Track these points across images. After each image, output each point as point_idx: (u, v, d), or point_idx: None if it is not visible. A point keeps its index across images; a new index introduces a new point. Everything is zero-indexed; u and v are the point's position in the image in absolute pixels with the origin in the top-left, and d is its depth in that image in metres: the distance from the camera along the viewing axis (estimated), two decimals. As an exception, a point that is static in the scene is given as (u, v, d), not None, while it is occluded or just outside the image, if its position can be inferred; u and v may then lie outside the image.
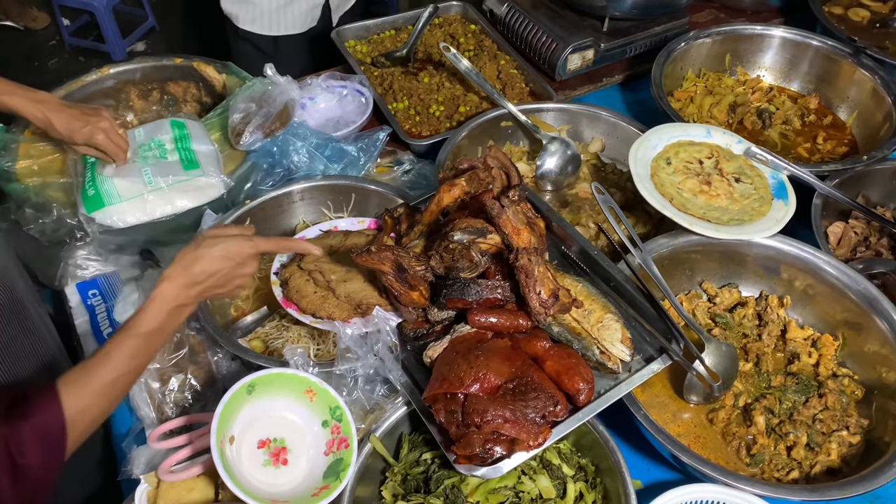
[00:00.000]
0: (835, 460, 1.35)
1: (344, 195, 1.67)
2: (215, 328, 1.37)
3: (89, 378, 1.05)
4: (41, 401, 1.01)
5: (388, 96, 2.01)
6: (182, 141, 1.63)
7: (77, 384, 1.04)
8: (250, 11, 2.20)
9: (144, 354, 1.12)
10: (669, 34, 2.16)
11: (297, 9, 2.23)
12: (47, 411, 1.00)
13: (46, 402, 1.01)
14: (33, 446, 0.98)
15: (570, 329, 1.32)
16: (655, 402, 1.42)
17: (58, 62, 4.40)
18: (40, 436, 0.99)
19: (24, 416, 0.98)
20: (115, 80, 1.90)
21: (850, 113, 2.01)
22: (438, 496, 1.22)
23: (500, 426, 1.14)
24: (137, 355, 1.10)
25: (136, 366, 1.11)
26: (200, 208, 1.57)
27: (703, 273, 1.61)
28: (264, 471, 1.20)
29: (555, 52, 2.06)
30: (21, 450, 0.96)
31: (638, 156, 1.64)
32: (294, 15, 2.24)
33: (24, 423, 0.98)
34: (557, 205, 1.79)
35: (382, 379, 1.32)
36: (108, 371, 1.06)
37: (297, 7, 2.22)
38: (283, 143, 1.68)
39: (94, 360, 1.07)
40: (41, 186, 1.57)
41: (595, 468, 1.30)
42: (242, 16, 2.22)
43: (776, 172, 1.66)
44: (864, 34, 2.12)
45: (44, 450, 0.99)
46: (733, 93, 2.06)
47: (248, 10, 2.21)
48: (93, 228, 1.52)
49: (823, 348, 1.49)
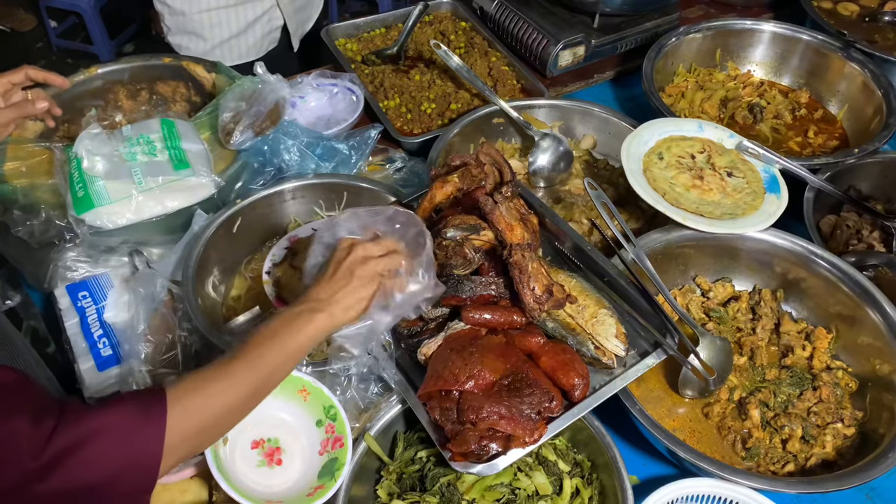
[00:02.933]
0: (830, 453, 1.35)
1: (336, 193, 1.66)
2: (207, 328, 1.36)
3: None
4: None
5: (379, 94, 2.00)
6: (172, 140, 1.62)
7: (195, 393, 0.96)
8: (200, 45, 2.13)
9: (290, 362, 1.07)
10: (660, 30, 2.16)
11: (252, 37, 2.16)
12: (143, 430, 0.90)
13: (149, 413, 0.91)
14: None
15: (564, 325, 1.31)
16: (651, 397, 1.42)
17: (45, 64, 4.37)
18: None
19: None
20: (103, 80, 1.87)
21: (840, 107, 2.02)
22: (434, 494, 1.22)
23: (496, 423, 1.14)
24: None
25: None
26: (191, 208, 1.56)
27: (696, 267, 1.61)
28: (258, 471, 1.19)
29: (546, 48, 2.05)
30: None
31: (630, 151, 1.63)
32: (248, 44, 2.17)
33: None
34: (550, 201, 1.78)
35: (376, 377, 1.31)
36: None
37: (250, 36, 2.16)
38: (273, 142, 1.66)
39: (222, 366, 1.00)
40: (29, 188, 1.55)
41: (591, 464, 1.30)
42: (193, 48, 2.14)
43: (768, 166, 1.66)
44: (853, 28, 2.12)
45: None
46: (724, 88, 2.06)
47: (196, 44, 2.13)
48: (82, 230, 1.51)
49: (817, 341, 1.49)
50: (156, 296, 1.42)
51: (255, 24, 2.16)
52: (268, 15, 2.17)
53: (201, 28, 2.11)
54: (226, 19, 2.11)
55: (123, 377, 1.37)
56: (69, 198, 1.51)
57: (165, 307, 1.41)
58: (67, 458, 0.85)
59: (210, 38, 2.12)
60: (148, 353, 1.37)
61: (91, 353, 1.42)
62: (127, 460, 0.90)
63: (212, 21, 2.11)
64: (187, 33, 2.13)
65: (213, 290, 1.52)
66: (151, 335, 1.38)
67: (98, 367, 1.40)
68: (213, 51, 2.14)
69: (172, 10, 2.10)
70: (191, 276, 1.42)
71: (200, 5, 2.07)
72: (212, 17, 2.10)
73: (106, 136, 1.59)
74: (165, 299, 1.43)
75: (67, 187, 1.52)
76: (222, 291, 1.55)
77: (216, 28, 2.12)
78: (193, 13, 2.08)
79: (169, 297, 1.43)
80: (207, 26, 2.11)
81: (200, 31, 2.11)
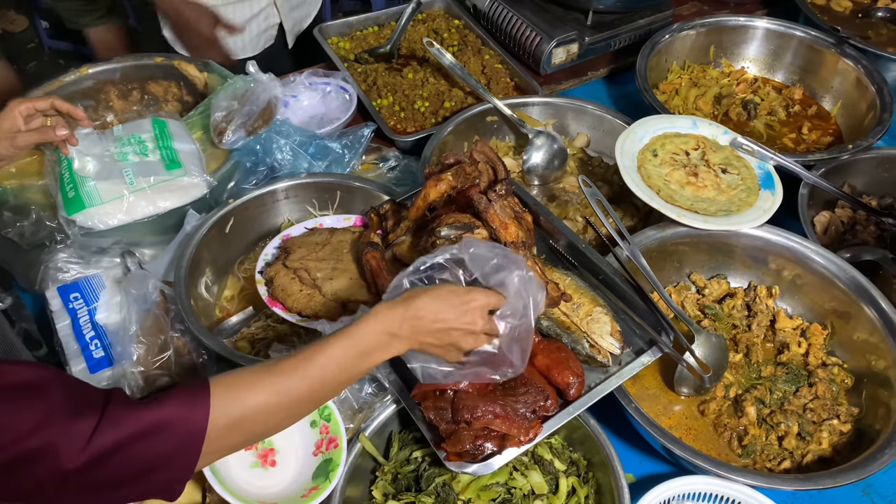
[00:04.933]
0: (826, 449, 1.35)
1: (329, 193, 1.65)
2: (200, 329, 1.35)
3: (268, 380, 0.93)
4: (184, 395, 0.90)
5: (372, 93, 1.99)
6: (163, 140, 1.61)
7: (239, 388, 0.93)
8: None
9: (344, 375, 1.00)
10: (653, 27, 2.16)
11: (248, 34, 2.15)
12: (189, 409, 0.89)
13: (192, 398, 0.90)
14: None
15: (559, 323, 1.31)
16: (646, 395, 1.42)
17: (37, 65, 4.35)
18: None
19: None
20: (95, 80, 1.86)
21: (834, 103, 2.02)
22: (430, 494, 1.21)
23: (491, 422, 1.13)
24: (340, 372, 0.99)
25: (325, 385, 0.99)
26: (183, 208, 1.55)
27: (691, 264, 1.60)
28: (252, 473, 1.19)
29: (539, 46, 2.05)
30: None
31: (624, 148, 1.63)
32: (244, 40, 2.16)
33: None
34: (544, 199, 1.78)
35: (370, 377, 1.30)
36: (296, 381, 0.96)
37: (246, 33, 2.14)
38: (266, 141, 1.66)
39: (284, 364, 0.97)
40: (19, 189, 1.54)
41: (587, 462, 1.29)
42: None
43: (762, 163, 1.66)
44: (846, 24, 2.12)
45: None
46: (718, 84, 2.06)
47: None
48: (73, 231, 1.50)
49: (812, 338, 1.49)
50: (148, 297, 1.41)
51: (252, 22, 2.15)
52: (265, 13, 2.17)
53: None
54: (223, 16, 2.10)
55: (115, 379, 1.37)
56: (60, 198, 1.50)
57: (158, 308, 1.40)
58: (108, 458, 0.85)
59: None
60: (140, 354, 1.36)
61: (83, 354, 1.41)
62: (168, 454, 0.89)
63: None
64: None
65: (205, 290, 1.51)
66: (144, 336, 1.37)
67: (90, 369, 1.39)
68: None
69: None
70: (183, 277, 1.41)
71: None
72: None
73: (97, 137, 1.58)
74: (158, 300, 1.42)
75: (58, 188, 1.51)
76: (215, 292, 1.54)
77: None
78: None
79: (161, 298, 1.42)
80: None
81: None
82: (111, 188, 1.51)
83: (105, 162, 1.55)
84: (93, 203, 1.49)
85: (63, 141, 1.48)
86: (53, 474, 0.83)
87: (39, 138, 1.47)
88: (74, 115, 1.50)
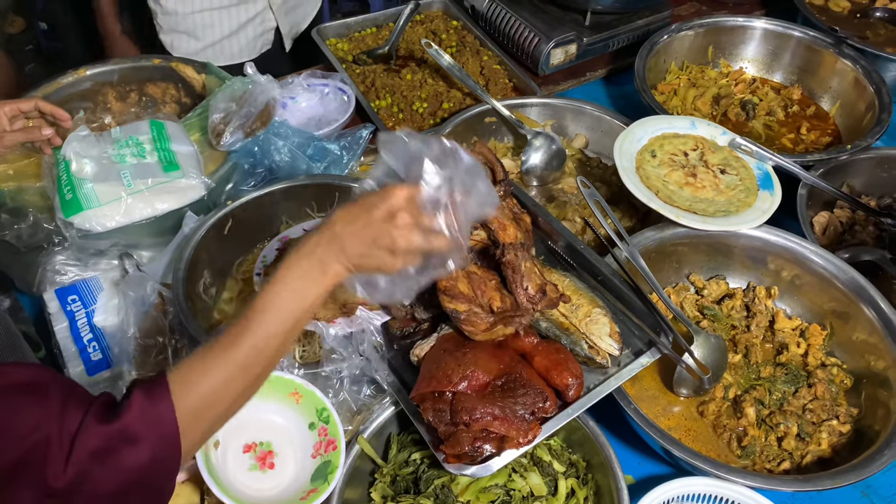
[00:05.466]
0: (825, 450, 1.35)
1: (327, 194, 1.64)
2: (198, 331, 1.34)
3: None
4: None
5: (370, 94, 1.99)
6: (161, 142, 1.60)
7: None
8: (192, 45, 2.11)
9: (289, 320, 0.95)
10: (652, 27, 2.16)
11: (244, 38, 2.15)
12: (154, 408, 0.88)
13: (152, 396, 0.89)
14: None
15: (558, 324, 1.30)
16: (645, 396, 1.42)
17: (34, 67, 4.35)
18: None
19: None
20: (92, 81, 1.86)
21: (832, 103, 2.02)
22: (428, 496, 1.21)
23: (490, 424, 1.13)
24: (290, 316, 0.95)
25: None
26: (181, 210, 1.54)
27: (690, 265, 1.60)
28: (250, 475, 1.18)
29: (537, 46, 2.05)
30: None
31: (623, 149, 1.63)
32: (241, 44, 2.16)
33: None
34: (543, 200, 1.78)
35: (369, 379, 1.30)
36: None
37: (242, 37, 2.14)
38: (264, 143, 1.65)
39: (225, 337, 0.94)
40: (17, 191, 1.53)
41: (586, 464, 1.29)
42: (185, 47, 2.11)
43: (761, 163, 1.66)
44: (845, 24, 2.13)
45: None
46: (717, 85, 2.06)
47: (188, 43, 2.11)
48: (71, 233, 1.49)
49: (812, 338, 1.48)
50: (146, 299, 1.41)
51: (248, 26, 2.15)
52: (260, 17, 2.16)
53: (193, 28, 2.10)
54: (218, 20, 2.10)
55: (113, 381, 1.36)
56: (57, 201, 1.49)
57: (156, 310, 1.40)
58: (86, 482, 0.84)
59: (202, 38, 2.11)
60: (138, 356, 1.36)
61: (81, 357, 1.41)
62: (149, 455, 0.88)
63: (204, 22, 2.09)
64: (179, 33, 2.12)
65: (204, 292, 1.50)
66: (142, 339, 1.37)
67: (88, 372, 1.39)
68: (206, 51, 2.13)
69: (164, 10, 2.08)
70: (181, 279, 1.40)
71: (193, 6, 2.06)
72: (204, 17, 2.09)
73: (95, 139, 1.58)
74: (156, 302, 1.41)
75: (55, 190, 1.51)
76: (213, 294, 1.54)
77: (208, 29, 2.11)
78: (186, 13, 2.07)
79: (159, 301, 1.42)
80: (200, 27, 2.10)
81: (193, 31, 2.10)
82: (109, 190, 1.51)
83: (103, 164, 1.54)
84: (90, 205, 1.48)
85: (47, 140, 1.50)
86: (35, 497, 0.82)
87: (24, 137, 1.49)
88: (57, 115, 1.52)
